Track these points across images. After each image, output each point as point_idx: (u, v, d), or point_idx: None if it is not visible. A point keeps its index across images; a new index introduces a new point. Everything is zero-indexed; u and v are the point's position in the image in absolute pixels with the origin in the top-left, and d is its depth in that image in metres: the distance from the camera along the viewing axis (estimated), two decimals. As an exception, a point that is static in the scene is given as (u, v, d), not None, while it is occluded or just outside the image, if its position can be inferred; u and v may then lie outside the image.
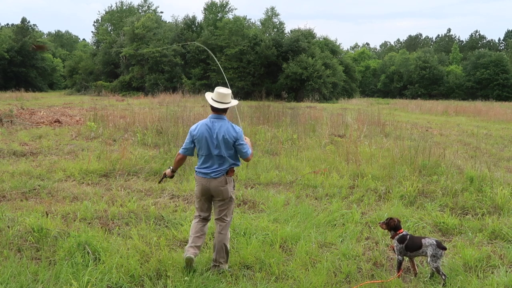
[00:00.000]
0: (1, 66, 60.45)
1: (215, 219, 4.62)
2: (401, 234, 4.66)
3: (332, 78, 47.70)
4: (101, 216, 6.16)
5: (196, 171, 4.55)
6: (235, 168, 4.63)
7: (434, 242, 4.46)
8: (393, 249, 4.70)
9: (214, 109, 4.48)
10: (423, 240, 4.53)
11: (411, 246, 4.55)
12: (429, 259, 4.44)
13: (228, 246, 4.57)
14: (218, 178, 4.42)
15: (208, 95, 4.58)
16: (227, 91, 4.50)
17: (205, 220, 4.65)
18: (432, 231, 6.00)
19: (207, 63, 49.50)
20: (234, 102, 4.56)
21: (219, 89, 4.49)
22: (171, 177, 4.81)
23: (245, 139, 4.56)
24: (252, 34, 49.68)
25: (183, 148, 4.60)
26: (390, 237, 4.80)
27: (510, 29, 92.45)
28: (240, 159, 4.61)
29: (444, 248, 4.47)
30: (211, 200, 4.58)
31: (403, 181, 7.93)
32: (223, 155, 4.40)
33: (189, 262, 4.38)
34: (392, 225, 4.74)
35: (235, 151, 4.47)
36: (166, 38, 50.52)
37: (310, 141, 12.78)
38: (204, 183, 4.46)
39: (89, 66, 58.44)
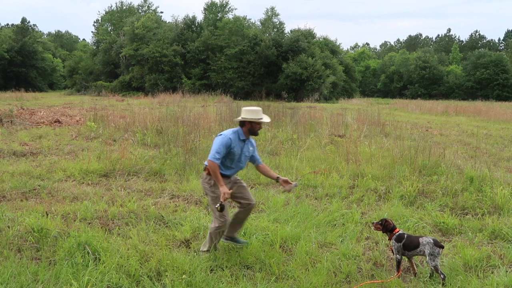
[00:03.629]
0: (1, 66, 60.58)
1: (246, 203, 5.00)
2: (397, 233, 4.67)
3: (332, 78, 47.70)
4: (101, 216, 6.16)
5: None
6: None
7: (431, 241, 4.47)
8: (392, 250, 4.71)
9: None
10: (420, 239, 4.54)
11: (408, 245, 4.56)
12: (427, 258, 4.45)
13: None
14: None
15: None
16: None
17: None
18: (432, 231, 5.99)
19: (207, 63, 49.54)
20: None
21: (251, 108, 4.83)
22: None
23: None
24: (252, 34, 49.68)
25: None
26: (388, 239, 4.82)
27: (510, 29, 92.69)
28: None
29: (442, 247, 4.47)
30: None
31: (403, 181, 7.92)
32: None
33: None
34: (389, 227, 4.75)
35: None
36: (166, 38, 50.51)
37: (310, 141, 12.76)
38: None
39: (89, 66, 58.49)
